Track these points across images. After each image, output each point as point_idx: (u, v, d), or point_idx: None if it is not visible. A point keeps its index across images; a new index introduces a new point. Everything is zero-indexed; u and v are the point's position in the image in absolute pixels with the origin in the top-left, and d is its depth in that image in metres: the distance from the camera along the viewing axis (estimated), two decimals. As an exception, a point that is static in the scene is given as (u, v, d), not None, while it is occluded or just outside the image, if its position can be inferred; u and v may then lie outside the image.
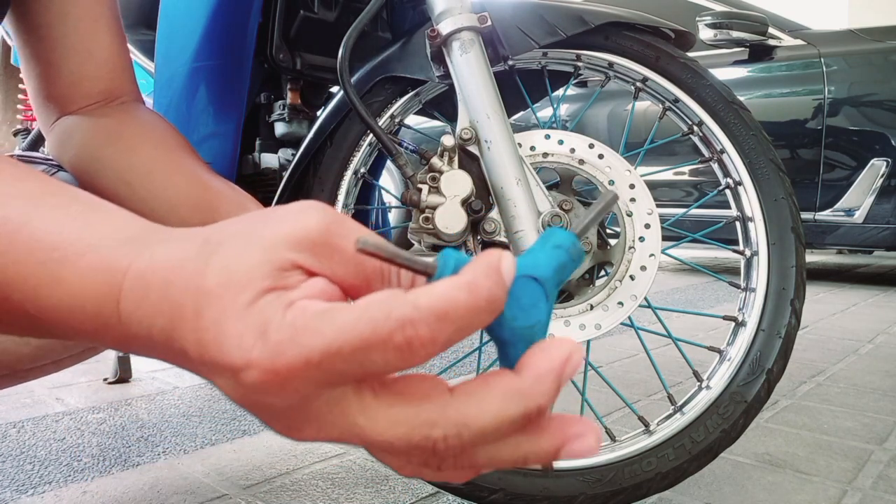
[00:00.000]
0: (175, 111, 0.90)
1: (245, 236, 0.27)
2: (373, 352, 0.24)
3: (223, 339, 0.25)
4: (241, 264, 0.26)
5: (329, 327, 0.24)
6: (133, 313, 0.28)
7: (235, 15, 0.87)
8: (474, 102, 0.74)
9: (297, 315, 0.25)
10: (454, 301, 0.24)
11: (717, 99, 0.86)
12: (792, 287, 0.84)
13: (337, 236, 0.27)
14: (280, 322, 0.25)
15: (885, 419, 1.29)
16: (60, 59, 0.65)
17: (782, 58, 3.21)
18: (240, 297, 0.26)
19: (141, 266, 0.28)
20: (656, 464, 0.81)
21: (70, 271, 0.29)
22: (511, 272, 0.26)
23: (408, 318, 0.24)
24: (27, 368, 0.63)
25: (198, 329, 0.26)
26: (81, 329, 0.29)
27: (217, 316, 0.26)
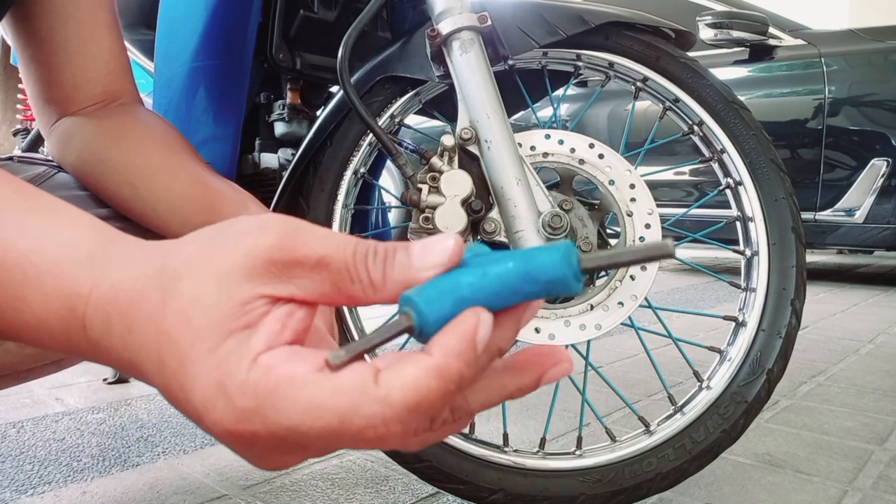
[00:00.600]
0: (175, 111, 0.90)
1: (201, 267, 0.27)
2: (339, 440, 0.25)
3: (187, 390, 0.26)
4: (199, 305, 0.26)
5: (294, 409, 0.24)
6: (100, 340, 0.28)
7: (235, 15, 0.87)
8: (474, 102, 0.74)
9: (261, 379, 0.25)
10: (425, 391, 0.24)
11: (718, 99, 0.86)
12: (792, 287, 0.84)
13: (293, 251, 0.27)
14: (243, 382, 0.25)
15: (885, 419, 1.29)
16: (61, 62, 0.65)
17: (783, 57, 3.20)
18: (199, 344, 0.25)
19: (100, 294, 0.28)
20: (656, 464, 0.81)
21: (33, 294, 0.29)
22: (485, 340, 0.25)
23: (379, 417, 0.24)
24: (28, 368, 0.63)
25: (162, 374, 0.26)
26: (54, 346, 0.30)
27: (178, 365, 0.26)
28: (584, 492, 0.80)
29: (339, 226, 0.85)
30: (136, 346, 0.27)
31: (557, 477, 0.80)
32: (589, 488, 0.80)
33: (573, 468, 0.81)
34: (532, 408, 1.36)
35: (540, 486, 0.80)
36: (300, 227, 0.27)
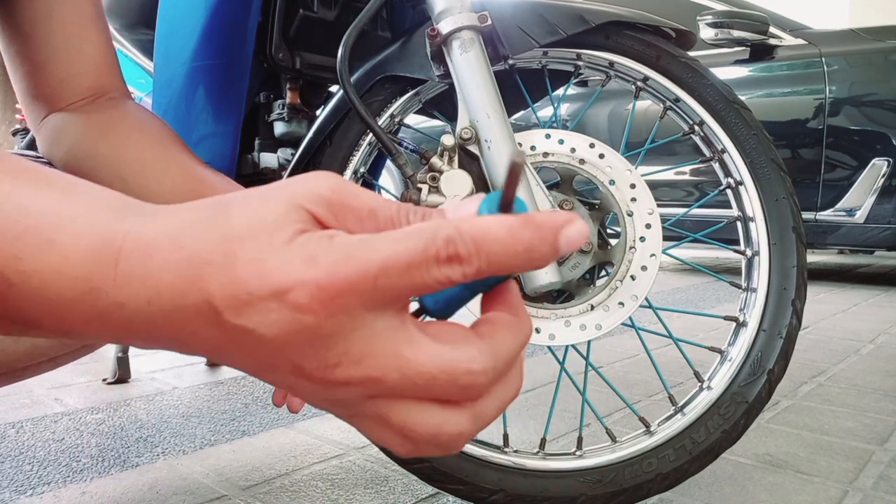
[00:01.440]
0: (174, 111, 0.90)
1: (260, 196, 0.27)
2: (423, 268, 0.24)
3: (266, 270, 0.24)
4: (268, 214, 0.26)
5: (383, 245, 0.24)
6: (133, 274, 0.26)
7: (235, 14, 0.87)
8: (474, 102, 0.74)
9: (345, 241, 0.25)
10: (490, 233, 0.25)
11: (718, 98, 0.86)
12: (793, 287, 0.83)
13: (347, 196, 0.27)
14: (328, 247, 0.25)
15: (886, 419, 1.29)
16: (47, 57, 0.65)
17: (783, 57, 3.20)
18: (276, 236, 0.25)
19: (142, 230, 0.26)
20: (657, 464, 0.81)
21: (63, 235, 0.27)
22: (574, 242, 0.26)
23: (451, 237, 0.25)
24: (23, 367, 0.62)
25: (231, 268, 0.25)
26: (69, 299, 0.27)
27: (254, 255, 0.25)
28: (585, 492, 0.79)
29: (338, 226, 0.85)
30: (188, 260, 0.25)
31: (558, 477, 0.80)
32: (589, 489, 0.79)
33: (573, 469, 0.81)
34: (532, 408, 1.36)
35: (540, 487, 0.79)
36: (348, 182, 0.28)
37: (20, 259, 0.26)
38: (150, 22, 0.93)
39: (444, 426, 0.27)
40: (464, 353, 0.26)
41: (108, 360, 1.61)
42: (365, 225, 0.28)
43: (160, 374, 1.63)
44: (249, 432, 1.21)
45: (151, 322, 0.26)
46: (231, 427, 1.24)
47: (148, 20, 0.98)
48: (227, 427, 1.24)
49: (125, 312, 0.26)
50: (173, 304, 0.25)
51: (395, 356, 0.25)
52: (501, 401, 0.28)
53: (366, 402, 0.27)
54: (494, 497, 0.79)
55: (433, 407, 0.27)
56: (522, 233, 0.25)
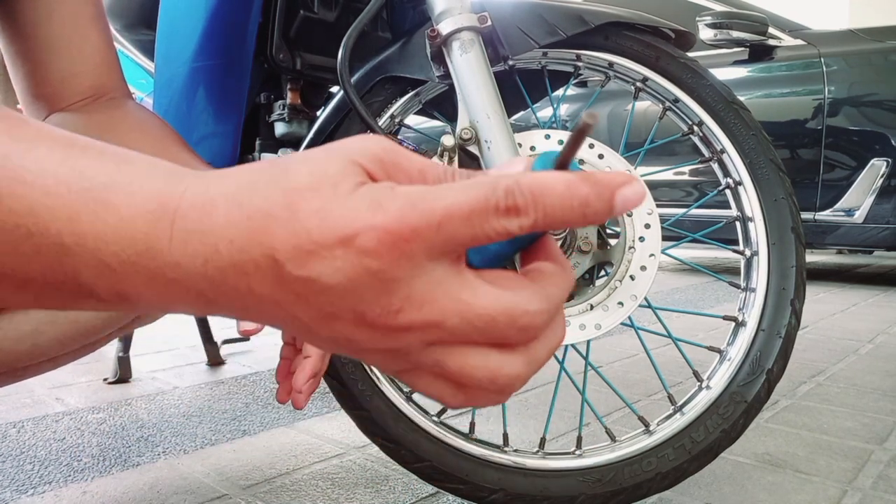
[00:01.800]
0: (175, 111, 0.90)
1: (316, 154, 0.27)
2: (484, 217, 0.25)
3: (332, 218, 0.25)
4: (328, 168, 0.26)
5: (446, 194, 0.25)
6: (191, 232, 0.26)
7: (235, 15, 0.87)
8: (474, 102, 0.74)
9: (408, 190, 0.26)
10: (548, 187, 0.26)
11: (718, 99, 0.86)
12: (792, 287, 0.84)
13: (401, 156, 0.28)
14: (392, 195, 0.25)
15: (885, 419, 1.29)
16: (48, 57, 0.65)
17: (782, 58, 3.20)
18: (339, 187, 0.26)
19: (199, 189, 0.27)
20: (656, 464, 0.81)
21: (119, 196, 0.27)
22: (630, 202, 0.26)
23: (510, 188, 0.25)
24: (24, 367, 0.63)
25: (295, 220, 0.25)
26: (125, 259, 0.26)
27: (319, 205, 0.25)
28: (584, 491, 0.80)
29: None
30: (249, 215, 0.25)
31: (557, 477, 0.80)
32: (589, 488, 0.80)
33: (573, 468, 0.81)
34: (532, 407, 1.36)
35: (540, 486, 0.80)
36: (398, 144, 0.29)
37: (76, 221, 0.26)
38: (150, 22, 0.94)
39: (502, 369, 0.27)
40: (521, 296, 0.27)
41: (110, 360, 1.61)
42: (414, 184, 0.28)
43: (161, 373, 1.63)
44: (250, 432, 1.21)
45: (209, 281, 0.26)
46: (232, 426, 1.24)
47: (149, 20, 0.99)
48: (227, 426, 1.24)
49: (181, 272, 0.26)
50: (231, 261, 0.26)
51: (455, 300, 0.26)
52: (551, 344, 0.29)
53: (424, 350, 0.27)
54: (494, 496, 0.80)
55: (491, 351, 0.27)
56: (580, 188, 0.26)
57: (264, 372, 1.65)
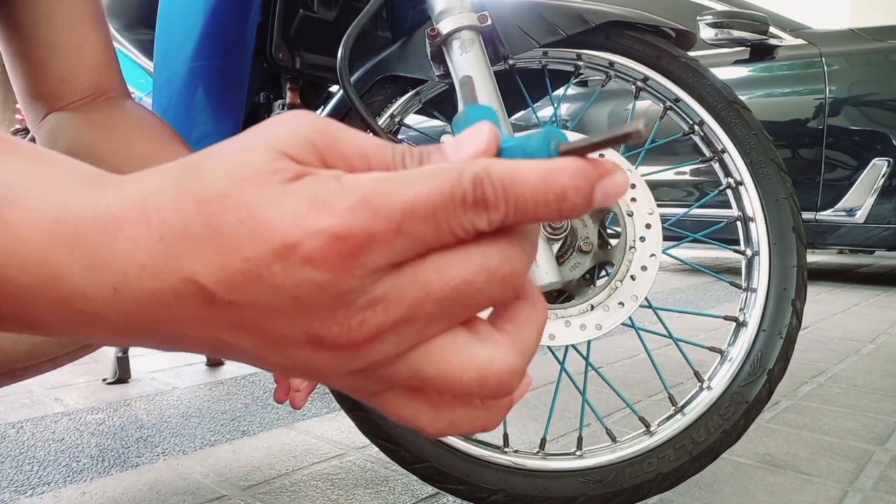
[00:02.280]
0: (174, 111, 0.90)
1: (233, 147, 0.22)
2: (449, 212, 0.21)
3: (263, 227, 0.20)
4: (248, 164, 0.21)
5: (406, 186, 0.21)
6: (94, 257, 0.22)
7: (235, 14, 0.87)
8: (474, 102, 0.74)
9: (358, 182, 0.21)
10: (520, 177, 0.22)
11: (718, 98, 0.86)
12: (793, 287, 0.83)
13: (339, 139, 0.23)
14: (339, 189, 0.21)
15: (886, 420, 1.29)
16: (47, 56, 0.65)
17: (783, 57, 3.20)
18: (266, 188, 0.21)
19: (100, 203, 0.22)
20: (657, 464, 0.81)
21: (13, 211, 0.22)
22: (611, 195, 0.23)
23: (478, 178, 0.21)
24: (23, 367, 0.62)
25: (217, 236, 0.21)
26: (23, 287, 0.23)
27: (245, 214, 0.20)
28: (585, 492, 0.79)
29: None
30: (157, 238, 0.21)
31: (558, 477, 0.80)
32: (589, 489, 0.79)
33: (573, 469, 0.81)
34: (532, 408, 1.36)
35: (540, 487, 0.79)
36: (336, 122, 0.24)
37: None
38: (149, 22, 0.94)
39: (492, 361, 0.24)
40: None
41: (108, 360, 1.61)
42: (358, 172, 0.23)
43: (160, 374, 1.63)
44: (249, 432, 1.21)
45: (124, 313, 0.22)
46: (231, 427, 1.24)
47: (148, 20, 0.98)
48: (227, 427, 1.24)
49: (91, 303, 0.22)
50: (145, 290, 0.21)
51: (423, 286, 0.22)
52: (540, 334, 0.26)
53: (397, 362, 0.23)
54: (494, 497, 0.79)
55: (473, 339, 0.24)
56: (557, 180, 0.22)
57: (264, 372, 1.65)
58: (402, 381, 0.24)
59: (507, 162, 0.22)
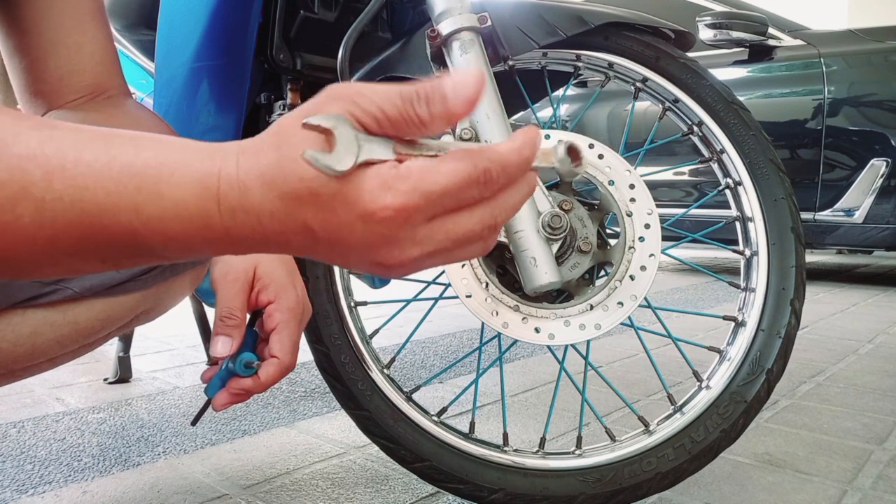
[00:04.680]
0: (175, 111, 0.90)
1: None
2: (468, 189, 0.34)
3: (352, 199, 0.33)
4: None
5: (441, 176, 0.33)
6: (235, 209, 0.33)
7: (235, 15, 0.87)
8: (474, 102, 0.74)
9: (409, 171, 0.33)
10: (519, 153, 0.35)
11: (717, 99, 0.86)
12: (792, 287, 0.84)
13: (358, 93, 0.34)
14: (398, 176, 0.33)
15: (884, 419, 1.29)
16: (46, 53, 0.64)
17: (782, 58, 3.21)
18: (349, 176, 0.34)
19: (232, 170, 0.34)
20: (656, 463, 0.81)
21: (167, 187, 0.33)
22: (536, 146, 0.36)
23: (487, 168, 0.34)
24: (22, 367, 0.63)
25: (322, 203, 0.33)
26: (187, 232, 0.34)
27: (336, 189, 0.33)
28: (584, 491, 0.80)
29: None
30: (279, 197, 0.33)
31: (557, 476, 0.80)
32: (589, 488, 0.80)
33: (573, 468, 0.81)
34: (532, 407, 1.36)
35: (540, 486, 0.80)
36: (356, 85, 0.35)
37: (140, 211, 0.34)
38: (150, 22, 0.94)
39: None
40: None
41: (110, 360, 1.61)
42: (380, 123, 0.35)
43: (161, 373, 1.63)
44: (250, 431, 1.21)
45: (260, 239, 0.34)
46: (232, 426, 1.24)
47: (149, 20, 0.99)
48: (227, 426, 1.24)
49: (235, 237, 0.34)
50: (274, 230, 0.34)
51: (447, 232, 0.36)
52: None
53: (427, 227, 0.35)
54: (494, 496, 0.80)
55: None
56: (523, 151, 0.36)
57: (264, 372, 1.65)
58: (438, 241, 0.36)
59: (498, 146, 0.35)
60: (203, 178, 0.34)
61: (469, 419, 0.86)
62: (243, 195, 0.33)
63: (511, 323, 0.78)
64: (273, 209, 0.33)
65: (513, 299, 0.78)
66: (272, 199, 0.33)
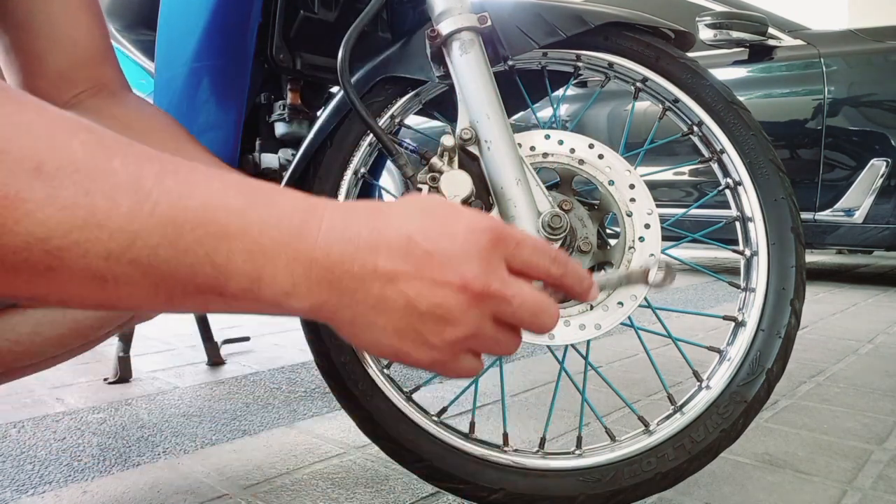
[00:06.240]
0: (175, 111, 0.90)
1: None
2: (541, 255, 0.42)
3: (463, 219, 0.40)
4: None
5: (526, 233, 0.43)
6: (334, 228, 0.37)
7: (235, 15, 0.87)
8: (474, 102, 0.74)
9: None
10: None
11: (717, 99, 0.86)
12: (792, 287, 0.84)
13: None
14: (488, 216, 0.41)
15: (884, 419, 1.29)
16: (43, 48, 0.64)
17: (782, 58, 3.21)
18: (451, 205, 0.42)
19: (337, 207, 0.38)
20: (656, 464, 0.81)
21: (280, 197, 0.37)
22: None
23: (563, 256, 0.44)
24: (22, 367, 0.63)
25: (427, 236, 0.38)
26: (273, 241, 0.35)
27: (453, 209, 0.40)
28: (584, 491, 0.80)
29: (339, 226, 0.85)
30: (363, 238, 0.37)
31: (557, 476, 0.80)
32: (589, 488, 0.80)
33: (573, 468, 0.81)
34: (532, 407, 1.36)
35: (540, 486, 0.80)
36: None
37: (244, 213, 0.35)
38: (150, 22, 0.94)
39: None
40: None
41: (110, 360, 1.61)
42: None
43: (161, 373, 1.63)
44: (250, 431, 1.21)
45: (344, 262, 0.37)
46: (232, 426, 1.24)
47: (148, 21, 0.99)
48: (227, 426, 1.24)
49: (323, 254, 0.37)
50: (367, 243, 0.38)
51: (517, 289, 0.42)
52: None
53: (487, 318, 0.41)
54: (494, 496, 0.80)
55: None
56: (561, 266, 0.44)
57: (264, 372, 1.65)
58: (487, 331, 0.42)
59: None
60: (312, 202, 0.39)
61: (469, 419, 0.86)
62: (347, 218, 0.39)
63: (511, 323, 0.77)
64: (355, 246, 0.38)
65: (513, 299, 0.78)
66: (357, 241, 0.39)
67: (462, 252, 0.38)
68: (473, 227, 0.38)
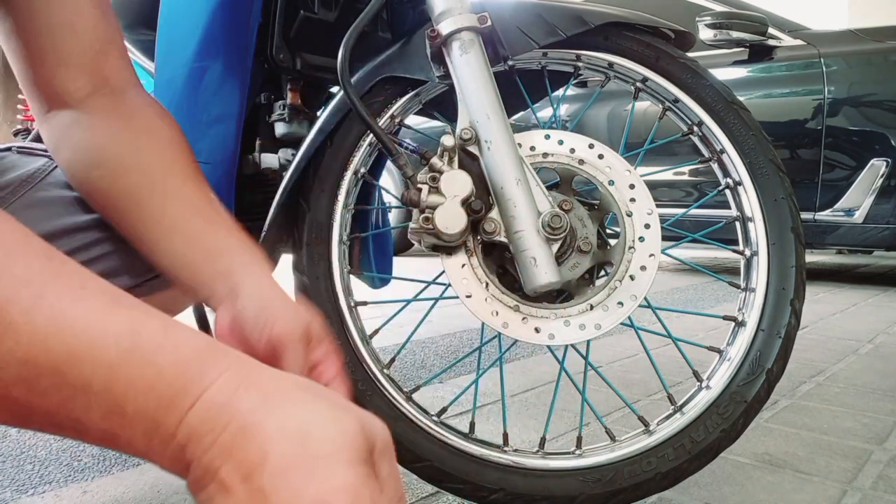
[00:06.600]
0: (175, 111, 0.90)
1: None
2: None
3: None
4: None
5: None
6: (208, 415, 0.31)
7: (235, 15, 0.87)
8: (474, 102, 0.74)
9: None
10: None
11: (717, 99, 0.86)
12: (792, 287, 0.84)
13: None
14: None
15: (884, 419, 1.29)
16: (47, 40, 0.62)
17: (782, 58, 3.21)
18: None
19: (230, 387, 0.32)
20: (656, 464, 0.81)
21: (161, 356, 0.32)
22: None
23: None
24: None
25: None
26: (136, 409, 0.31)
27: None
28: (584, 491, 0.80)
29: (339, 226, 0.85)
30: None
31: (557, 476, 0.80)
32: (589, 488, 0.80)
33: (573, 468, 0.81)
34: (532, 407, 1.36)
35: (540, 486, 0.80)
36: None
37: (114, 369, 0.31)
38: (150, 22, 0.94)
39: None
40: None
41: (109, 360, 1.61)
42: None
43: (160, 373, 1.63)
44: (250, 432, 1.21)
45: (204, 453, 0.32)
46: (231, 427, 1.24)
47: (149, 20, 0.98)
48: (227, 427, 1.24)
49: (185, 436, 0.31)
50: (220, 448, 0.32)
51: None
52: None
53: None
54: (494, 496, 0.80)
55: None
56: None
57: (264, 372, 1.65)
58: None
59: None
60: (203, 363, 0.33)
61: (469, 419, 0.86)
62: (225, 391, 0.33)
63: (511, 323, 0.78)
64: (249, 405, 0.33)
65: (513, 299, 0.78)
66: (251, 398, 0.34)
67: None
68: (321, 499, 0.31)
